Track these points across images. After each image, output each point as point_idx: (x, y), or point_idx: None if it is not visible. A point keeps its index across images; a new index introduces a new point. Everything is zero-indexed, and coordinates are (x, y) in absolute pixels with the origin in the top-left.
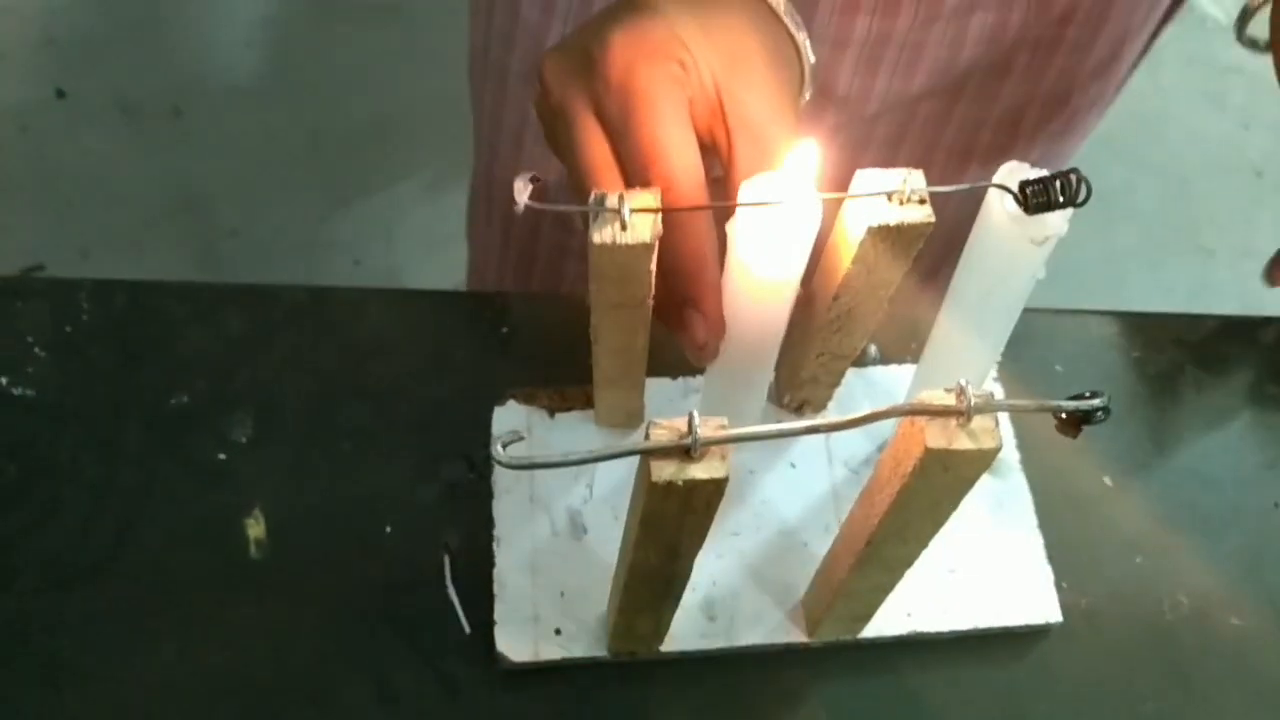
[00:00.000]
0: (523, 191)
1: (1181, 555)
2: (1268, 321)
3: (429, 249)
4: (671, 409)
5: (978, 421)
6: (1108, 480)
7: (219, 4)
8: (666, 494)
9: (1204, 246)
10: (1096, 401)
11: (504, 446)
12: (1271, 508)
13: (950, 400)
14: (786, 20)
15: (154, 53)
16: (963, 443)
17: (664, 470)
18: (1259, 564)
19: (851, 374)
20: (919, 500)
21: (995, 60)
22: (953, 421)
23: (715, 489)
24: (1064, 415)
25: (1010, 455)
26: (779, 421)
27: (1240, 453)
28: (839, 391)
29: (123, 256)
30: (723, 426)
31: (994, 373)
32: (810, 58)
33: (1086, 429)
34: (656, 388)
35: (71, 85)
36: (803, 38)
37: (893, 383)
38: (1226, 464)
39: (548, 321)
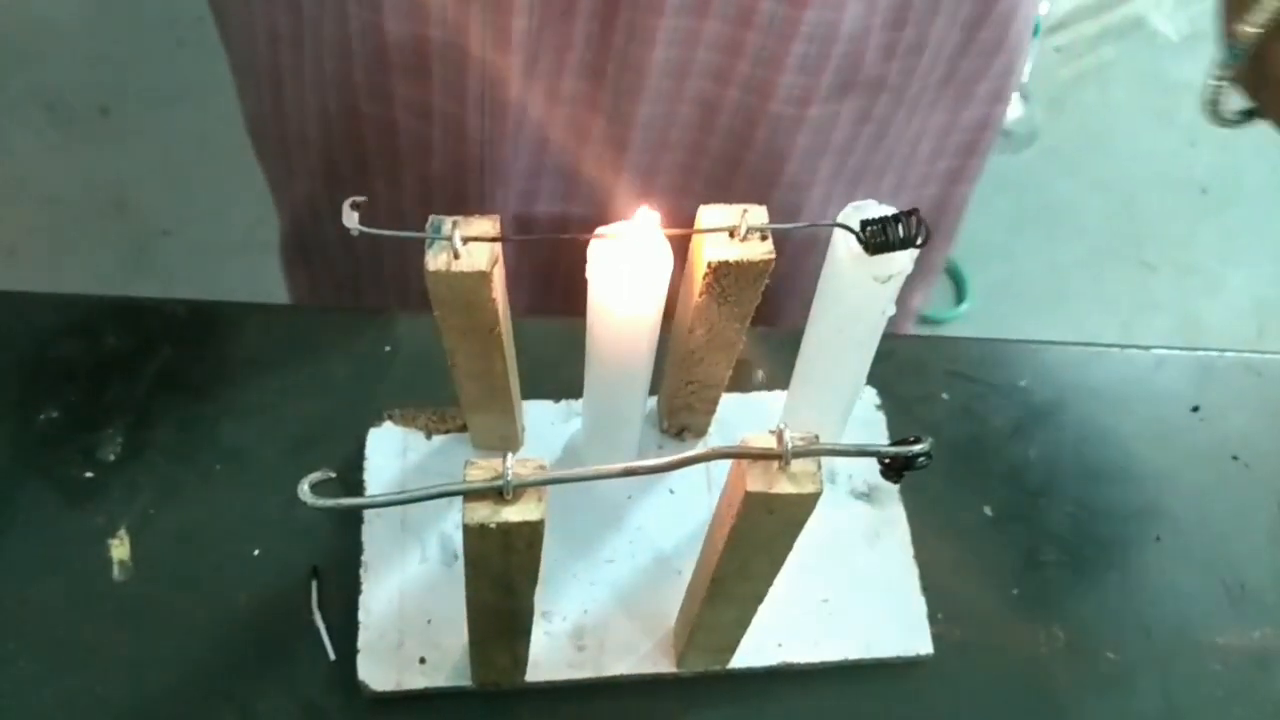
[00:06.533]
0: (351, 216)
1: (1059, 588)
2: (1147, 350)
3: None
4: (552, 432)
5: (798, 465)
6: (988, 510)
7: (150, 2)
8: (482, 536)
9: (1147, 261)
10: (918, 447)
11: (311, 487)
12: (1152, 541)
13: (771, 443)
14: None
15: (82, 50)
16: (783, 486)
17: (477, 513)
18: (1136, 598)
19: (734, 398)
20: (750, 540)
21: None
22: (774, 465)
23: (531, 531)
24: (887, 461)
25: (889, 483)
26: (660, 447)
27: (1122, 485)
28: (718, 415)
29: (51, 256)
30: (541, 467)
31: (876, 399)
32: None
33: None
34: (538, 410)
35: None
36: None
37: (773, 408)
38: (1108, 496)
39: (431, 340)
